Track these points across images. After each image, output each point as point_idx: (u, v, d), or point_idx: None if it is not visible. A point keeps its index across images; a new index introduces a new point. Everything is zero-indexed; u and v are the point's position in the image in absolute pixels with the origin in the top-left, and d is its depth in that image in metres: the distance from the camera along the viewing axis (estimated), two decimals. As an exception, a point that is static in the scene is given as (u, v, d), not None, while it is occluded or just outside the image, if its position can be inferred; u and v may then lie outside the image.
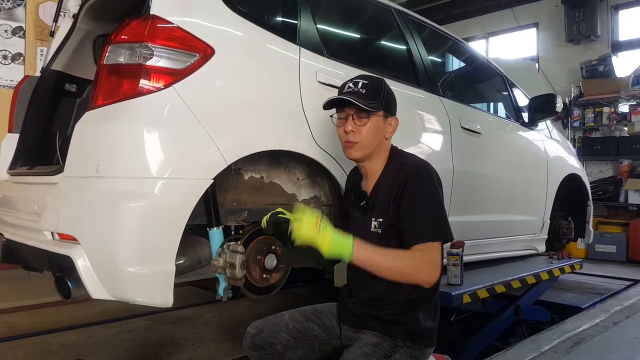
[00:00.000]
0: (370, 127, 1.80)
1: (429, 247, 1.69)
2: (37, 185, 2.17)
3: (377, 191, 1.85)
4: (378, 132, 1.82)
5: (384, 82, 1.87)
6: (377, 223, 1.80)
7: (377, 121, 1.81)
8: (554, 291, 4.12)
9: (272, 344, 1.81)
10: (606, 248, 6.67)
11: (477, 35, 9.20)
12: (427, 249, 1.68)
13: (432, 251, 1.69)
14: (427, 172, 1.78)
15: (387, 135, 1.86)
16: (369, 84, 1.82)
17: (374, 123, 1.80)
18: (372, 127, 1.80)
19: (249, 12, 2.09)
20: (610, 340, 2.69)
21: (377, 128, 1.81)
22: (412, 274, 1.68)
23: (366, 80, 1.83)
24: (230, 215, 2.02)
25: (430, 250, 1.69)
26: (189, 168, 1.75)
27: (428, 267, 1.68)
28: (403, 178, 1.75)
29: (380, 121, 1.82)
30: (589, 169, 7.27)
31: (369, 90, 1.80)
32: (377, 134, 1.82)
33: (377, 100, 1.80)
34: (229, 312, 3.69)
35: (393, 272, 1.67)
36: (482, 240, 3.34)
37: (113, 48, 1.77)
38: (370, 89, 1.80)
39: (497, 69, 3.94)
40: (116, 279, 1.64)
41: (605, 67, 7.32)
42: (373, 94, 1.80)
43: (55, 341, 3.04)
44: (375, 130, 1.81)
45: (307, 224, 1.59)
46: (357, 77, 1.86)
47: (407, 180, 1.74)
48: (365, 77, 1.85)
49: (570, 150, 4.63)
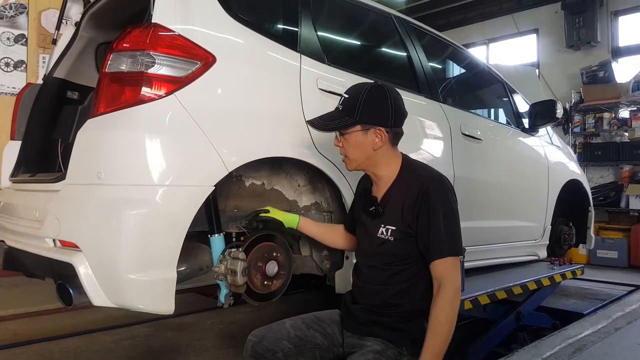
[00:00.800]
0: (351, 143, 1.81)
1: (451, 264, 1.71)
2: (38, 193, 2.17)
3: (388, 198, 1.84)
4: (361, 146, 1.80)
5: (364, 94, 1.78)
6: (387, 230, 1.79)
7: (355, 137, 1.79)
8: (555, 297, 4.11)
9: (274, 352, 1.80)
10: (608, 254, 6.65)
11: (477, 42, 9.23)
12: (448, 267, 1.70)
13: (454, 267, 1.72)
14: (447, 187, 1.80)
15: (375, 147, 1.79)
16: (348, 99, 1.80)
17: (354, 138, 1.80)
18: (353, 143, 1.80)
19: (250, 20, 2.11)
20: (612, 346, 2.68)
21: (358, 143, 1.80)
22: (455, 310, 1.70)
23: (348, 94, 1.82)
24: (232, 222, 2.03)
25: (452, 266, 1.71)
26: (191, 175, 1.75)
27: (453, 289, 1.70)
28: (422, 191, 1.74)
29: (358, 136, 1.79)
30: (590, 175, 7.27)
31: (345, 106, 1.80)
32: (361, 148, 1.80)
33: (351, 116, 1.77)
34: (230, 319, 3.69)
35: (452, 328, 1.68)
36: (483, 247, 3.33)
37: (115, 56, 1.78)
38: (346, 105, 1.79)
39: (497, 75, 3.95)
40: (117, 286, 1.65)
41: (605, 73, 7.33)
42: (348, 109, 1.78)
43: (56, 348, 3.04)
44: (356, 145, 1.80)
45: None
46: (345, 91, 1.84)
47: (427, 194, 1.73)
48: (349, 91, 1.83)
49: (571, 155, 4.63)
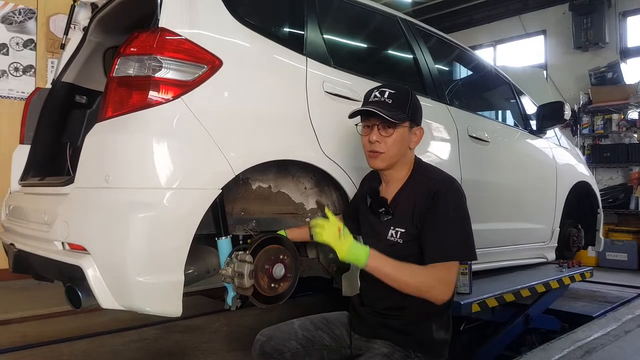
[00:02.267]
0: (395, 138, 1.79)
1: (446, 266, 1.69)
2: (47, 196, 2.19)
3: (398, 200, 1.84)
4: (403, 142, 1.81)
5: (410, 92, 1.84)
6: (396, 232, 1.79)
7: (402, 132, 1.80)
8: (564, 300, 4.09)
9: (281, 351, 1.81)
10: (617, 256, 6.61)
11: (484, 43, 9.21)
12: (443, 268, 1.68)
13: (449, 270, 1.69)
14: (458, 191, 1.78)
15: (412, 146, 1.85)
16: (396, 93, 1.80)
17: (399, 134, 1.80)
18: (397, 138, 1.79)
19: (256, 23, 2.12)
20: (621, 350, 2.66)
21: (403, 139, 1.81)
22: (426, 291, 1.68)
23: (393, 89, 1.81)
24: (239, 225, 2.04)
25: (447, 269, 1.69)
26: (198, 178, 1.76)
27: (442, 285, 1.67)
28: (432, 194, 1.74)
29: (405, 132, 1.81)
30: (598, 177, 7.23)
31: (395, 100, 1.79)
32: (402, 145, 1.81)
33: (403, 110, 1.78)
34: (237, 321, 3.69)
35: (407, 287, 1.68)
36: (491, 249, 3.32)
37: (122, 60, 1.79)
38: (396, 99, 1.79)
39: (504, 77, 3.94)
40: (126, 289, 1.66)
41: (613, 74, 7.30)
42: (399, 104, 1.79)
43: (66, 350, 3.05)
44: (400, 141, 1.80)
45: (329, 230, 1.67)
46: (383, 86, 1.85)
47: (437, 197, 1.73)
48: (391, 86, 1.84)
49: (580, 157, 4.60)
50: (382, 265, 1.68)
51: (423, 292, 1.68)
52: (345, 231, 1.69)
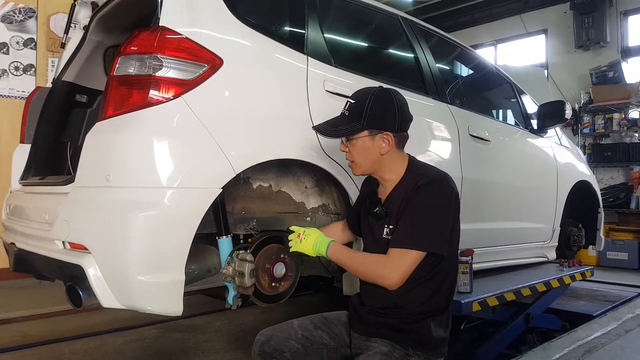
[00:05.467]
0: (358, 148, 1.81)
1: (401, 253, 1.70)
2: (48, 195, 2.19)
3: (391, 200, 1.84)
4: (369, 151, 1.81)
5: (371, 99, 1.78)
6: (390, 230, 1.80)
7: (362, 142, 1.80)
8: (565, 299, 4.09)
9: (281, 351, 1.81)
10: (618, 255, 6.61)
11: (485, 42, 9.20)
12: (397, 255, 1.70)
13: (401, 258, 1.69)
14: (438, 183, 1.77)
15: (382, 152, 1.80)
16: (354, 104, 1.81)
17: (361, 143, 1.80)
18: (360, 148, 1.81)
19: (257, 22, 2.11)
20: (622, 349, 2.66)
21: (365, 148, 1.80)
22: (375, 277, 1.74)
23: (353, 99, 1.82)
24: (239, 224, 2.04)
25: (401, 256, 1.70)
26: (198, 177, 1.76)
27: (389, 271, 1.70)
28: (417, 187, 1.75)
29: (366, 141, 1.80)
30: (599, 176, 7.23)
31: (351, 111, 1.80)
32: (368, 153, 1.81)
33: (358, 121, 1.78)
34: (238, 321, 3.70)
35: (357, 273, 1.83)
36: (491, 248, 3.32)
37: (123, 59, 1.79)
38: (352, 110, 1.80)
39: (505, 76, 3.94)
40: (126, 288, 1.66)
41: (615, 73, 7.29)
42: (354, 115, 1.79)
43: (66, 349, 3.06)
44: (364, 150, 1.81)
45: (294, 241, 1.86)
46: (350, 96, 1.85)
47: (418, 189, 1.74)
48: (354, 96, 1.84)
49: (580, 157, 4.60)
50: (339, 255, 1.81)
51: (372, 277, 1.75)
52: (306, 232, 1.85)
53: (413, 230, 1.71)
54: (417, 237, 1.70)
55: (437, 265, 1.77)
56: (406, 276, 1.71)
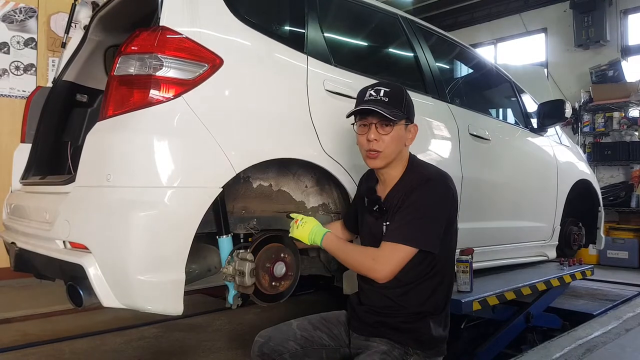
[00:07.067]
0: (393, 136, 1.80)
1: (391, 247, 1.71)
2: (49, 195, 2.19)
3: (391, 197, 1.85)
4: (400, 140, 1.82)
5: (404, 90, 1.86)
6: (387, 227, 1.81)
7: (399, 130, 1.81)
8: (565, 298, 4.09)
9: (280, 352, 1.81)
10: (618, 254, 6.61)
11: (485, 41, 9.19)
12: (388, 248, 1.72)
13: (392, 252, 1.71)
14: (436, 182, 1.78)
15: (408, 143, 1.86)
16: (391, 91, 1.81)
17: (396, 132, 1.80)
18: (394, 136, 1.80)
19: (257, 22, 2.11)
20: (622, 348, 2.66)
21: (399, 137, 1.81)
22: (364, 270, 1.77)
23: (387, 87, 1.82)
24: (240, 223, 2.04)
25: (391, 250, 1.71)
26: (199, 177, 1.76)
27: (378, 264, 1.72)
28: (415, 185, 1.76)
29: (402, 129, 1.82)
30: (599, 175, 7.23)
31: (391, 98, 1.79)
32: (399, 143, 1.82)
33: (399, 108, 1.79)
34: (238, 320, 3.70)
35: (350, 265, 1.85)
36: (491, 247, 3.33)
37: (123, 59, 1.79)
38: (392, 97, 1.79)
39: (505, 75, 3.94)
40: (127, 287, 1.66)
41: (615, 72, 7.28)
42: (395, 102, 1.79)
43: (67, 349, 3.06)
44: (397, 139, 1.81)
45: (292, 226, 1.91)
46: (377, 84, 1.85)
47: (416, 187, 1.76)
48: (385, 84, 1.84)
49: (580, 155, 4.60)
50: (332, 245, 1.84)
51: (362, 269, 1.79)
52: (305, 220, 1.89)
53: (407, 227, 1.72)
54: (410, 233, 1.71)
55: (436, 265, 1.78)
56: (396, 271, 1.72)
